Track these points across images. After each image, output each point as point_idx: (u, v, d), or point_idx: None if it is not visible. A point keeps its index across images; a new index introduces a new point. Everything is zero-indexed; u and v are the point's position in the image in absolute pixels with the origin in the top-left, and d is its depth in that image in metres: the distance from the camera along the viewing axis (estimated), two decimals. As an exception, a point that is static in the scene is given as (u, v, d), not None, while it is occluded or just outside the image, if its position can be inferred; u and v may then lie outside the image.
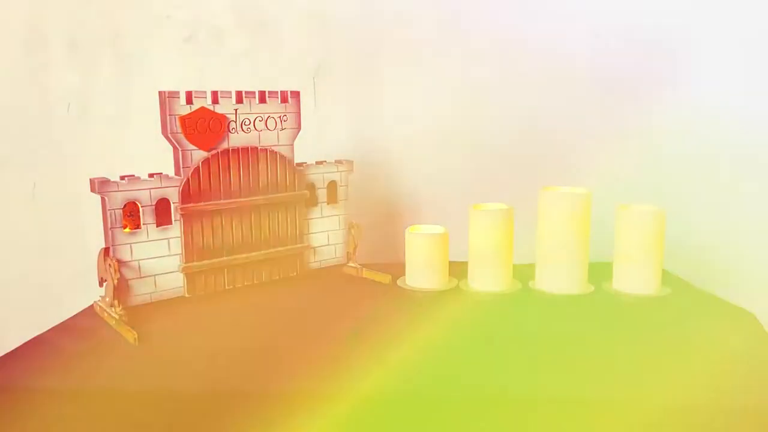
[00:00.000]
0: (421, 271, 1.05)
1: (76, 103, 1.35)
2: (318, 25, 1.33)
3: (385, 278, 1.09)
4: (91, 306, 0.97)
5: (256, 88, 1.34)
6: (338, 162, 1.14)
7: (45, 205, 1.37)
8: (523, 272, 1.08)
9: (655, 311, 0.94)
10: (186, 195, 0.95)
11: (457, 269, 1.07)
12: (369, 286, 1.08)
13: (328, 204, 1.12)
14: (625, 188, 1.27)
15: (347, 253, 1.16)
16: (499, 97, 1.34)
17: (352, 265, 1.15)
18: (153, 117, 1.32)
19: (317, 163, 1.12)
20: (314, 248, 1.11)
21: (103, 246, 0.92)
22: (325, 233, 1.12)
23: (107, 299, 0.91)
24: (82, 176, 1.35)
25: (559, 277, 1.02)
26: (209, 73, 1.34)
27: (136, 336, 0.82)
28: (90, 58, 1.33)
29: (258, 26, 1.33)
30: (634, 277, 1.01)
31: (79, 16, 1.31)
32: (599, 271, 1.06)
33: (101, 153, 1.36)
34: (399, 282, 1.08)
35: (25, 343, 0.84)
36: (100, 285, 0.94)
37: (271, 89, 1.34)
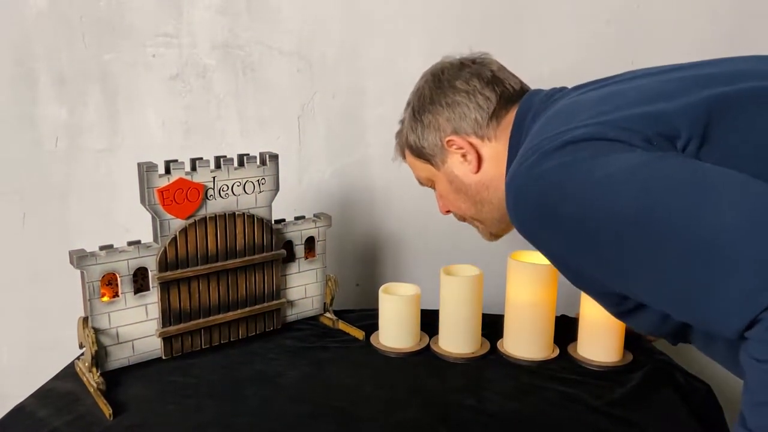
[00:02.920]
0: (393, 330, 1.09)
1: (64, 137, 1.37)
2: (303, 66, 1.34)
3: (359, 334, 1.13)
4: (72, 364, 1.02)
5: (241, 127, 1.37)
6: (316, 217, 1.16)
7: (34, 235, 1.41)
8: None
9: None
10: (163, 263, 0.98)
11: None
12: (342, 342, 1.11)
13: (306, 259, 1.15)
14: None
15: (324, 303, 1.19)
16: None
17: (329, 316, 1.19)
18: (139, 149, 1.36)
19: (296, 218, 1.14)
20: (291, 302, 1.15)
21: (83, 315, 0.95)
22: (303, 287, 1.16)
23: (86, 364, 0.95)
24: (71, 206, 1.40)
25: (524, 341, 1.05)
26: (195, 111, 1.36)
27: (111, 412, 0.87)
28: (78, 94, 1.35)
29: (244, 66, 1.34)
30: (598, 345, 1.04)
31: (67, 52, 1.32)
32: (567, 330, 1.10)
33: (89, 185, 1.39)
34: (372, 338, 1.11)
35: (7, 414, 0.88)
36: (80, 348, 0.98)
37: (256, 128, 1.37)
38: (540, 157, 0.68)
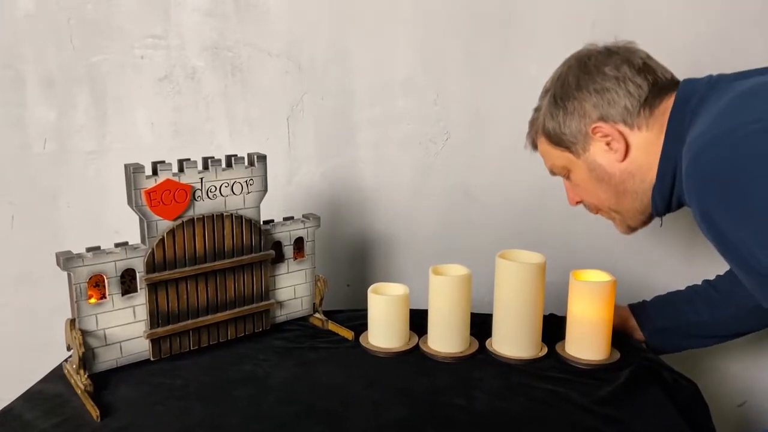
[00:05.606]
0: (382, 330, 1.09)
1: (52, 139, 1.36)
2: (292, 67, 1.34)
3: (349, 334, 1.13)
4: (60, 366, 1.01)
5: (230, 128, 1.37)
6: (305, 217, 1.16)
7: (23, 238, 1.40)
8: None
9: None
10: (151, 265, 0.98)
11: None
12: (331, 343, 1.12)
13: (295, 260, 1.15)
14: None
15: (313, 304, 1.19)
16: (473, 151, 1.36)
17: (318, 316, 1.19)
18: (128, 151, 1.35)
19: (284, 219, 1.14)
20: (280, 303, 1.15)
21: (70, 317, 0.95)
22: (292, 287, 1.16)
23: (74, 366, 0.95)
24: (60, 209, 1.39)
25: (513, 340, 1.06)
26: (184, 113, 1.36)
27: (98, 414, 0.86)
28: (66, 96, 1.34)
29: (232, 67, 1.34)
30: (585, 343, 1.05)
31: (55, 54, 1.32)
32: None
33: (78, 187, 1.39)
34: (362, 339, 1.12)
35: (-7, 417, 0.88)
36: (68, 350, 0.98)
37: (245, 129, 1.37)
38: (742, 138, 0.67)
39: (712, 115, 0.76)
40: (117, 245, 0.97)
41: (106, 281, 0.95)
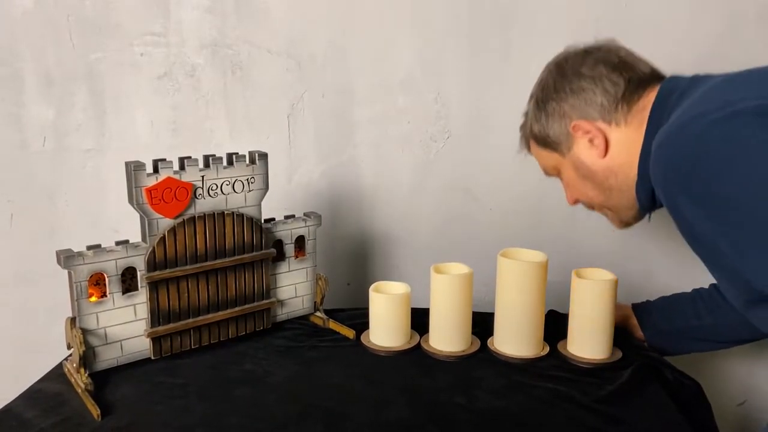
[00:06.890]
0: (383, 329, 1.09)
1: (51, 137, 1.36)
2: (292, 65, 1.34)
3: (350, 333, 1.13)
4: (60, 365, 1.01)
5: (230, 127, 1.36)
6: (306, 216, 1.16)
7: (22, 236, 1.39)
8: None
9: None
10: (152, 263, 0.97)
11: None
12: (332, 342, 1.11)
13: (295, 258, 1.15)
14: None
15: (314, 302, 1.19)
16: (472, 147, 1.36)
17: (319, 315, 1.18)
18: (127, 149, 1.35)
19: (285, 217, 1.14)
20: (281, 301, 1.14)
21: (70, 316, 0.94)
22: (293, 286, 1.15)
23: (74, 364, 0.94)
24: (58, 207, 1.39)
25: (514, 339, 1.06)
26: (184, 111, 1.35)
27: (98, 413, 0.86)
28: (65, 94, 1.33)
29: (232, 65, 1.34)
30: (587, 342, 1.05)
31: (54, 52, 1.31)
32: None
33: (77, 185, 1.38)
34: (363, 337, 1.11)
35: (-7, 416, 0.88)
36: (68, 349, 0.97)
37: (245, 128, 1.37)
38: (704, 126, 0.66)
39: (684, 107, 0.75)
40: (118, 243, 0.96)
41: (106, 279, 0.95)
